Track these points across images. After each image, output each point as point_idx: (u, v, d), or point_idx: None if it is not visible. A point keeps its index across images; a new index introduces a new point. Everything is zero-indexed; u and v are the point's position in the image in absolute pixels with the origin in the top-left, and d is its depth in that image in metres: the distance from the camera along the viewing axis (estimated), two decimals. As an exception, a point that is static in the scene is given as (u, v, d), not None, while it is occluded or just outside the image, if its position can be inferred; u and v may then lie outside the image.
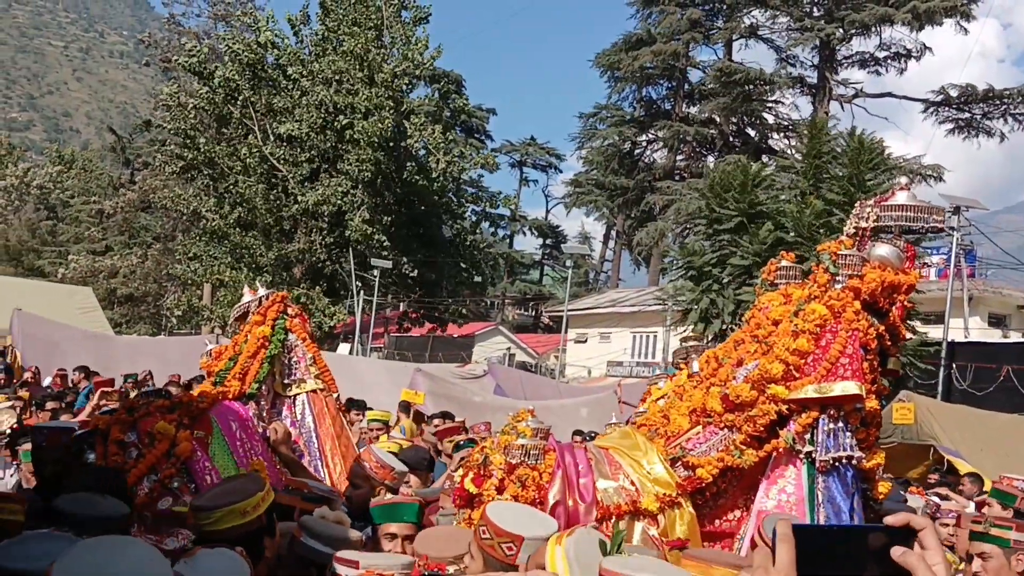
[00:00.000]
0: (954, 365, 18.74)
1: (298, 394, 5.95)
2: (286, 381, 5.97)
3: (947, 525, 6.92)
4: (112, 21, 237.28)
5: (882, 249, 4.06)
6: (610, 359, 37.85)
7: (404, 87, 36.76)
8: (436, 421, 10.43)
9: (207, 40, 41.64)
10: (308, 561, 3.41)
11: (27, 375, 13.79)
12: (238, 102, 35.87)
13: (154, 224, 49.33)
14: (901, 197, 4.06)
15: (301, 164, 35.99)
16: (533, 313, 64.02)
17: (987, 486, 9.14)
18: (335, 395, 6.23)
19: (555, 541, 2.72)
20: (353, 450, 6.05)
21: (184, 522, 3.38)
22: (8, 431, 6.76)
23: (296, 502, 3.94)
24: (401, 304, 46.06)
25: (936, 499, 8.39)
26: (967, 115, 41.04)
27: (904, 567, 1.29)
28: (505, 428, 3.95)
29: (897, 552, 1.30)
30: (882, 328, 3.99)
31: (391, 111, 34.68)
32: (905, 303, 4.07)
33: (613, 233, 57.04)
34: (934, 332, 19.85)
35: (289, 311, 6.06)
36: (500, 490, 3.70)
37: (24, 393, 9.60)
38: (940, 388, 17.89)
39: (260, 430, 5.22)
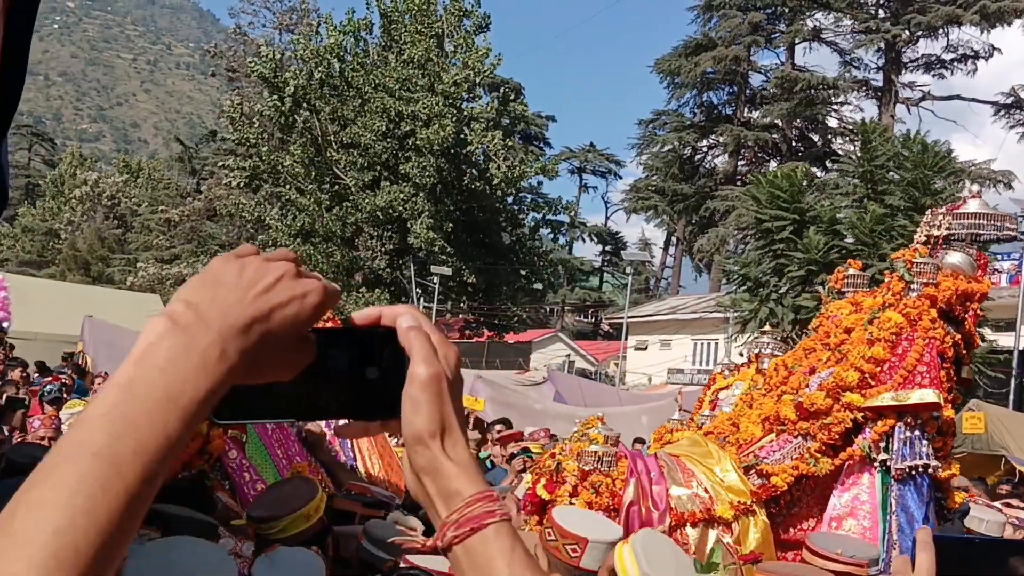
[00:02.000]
0: (1027, 374, 18.30)
1: None
2: None
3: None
4: (179, 34, 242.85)
5: (954, 257, 4.03)
6: (670, 366, 37.61)
7: (465, 95, 37.02)
8: (498, 427, 10.45)
9: (275, 46, 42.35)
10: (370, 565, 3.48)
11: (98, 381, 14.14)
12: (303, 110, 36.47)
13: (219, 232, 50.26)
14: (973, 205, 4.02)
15: (363, 171, 36.44)
16: (593, 320, 63.84)
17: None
18: None
19: (622, 544, 2.76)
20: (389, 448, 6.07)
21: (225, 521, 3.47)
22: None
23: (356, 507, 4.00)
24: (461, 312, 46.32)
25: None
26: (1041, 118, 39.99)
27: None
28: (576, 435, 3.98)
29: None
30: (958, 336, 3.94)
31: (452, 119, 34.96)
32: (978, 311, 4.02)
33: (673, 239, 56.69)
34: (1004, 340, 19.39)
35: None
36: (574, 495, 3.73)
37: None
38: (1011, 397, 17.46)
39: (294, 431, 5.23)
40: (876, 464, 3.79)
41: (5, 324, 16.84)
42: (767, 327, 4.61)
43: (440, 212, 36.76)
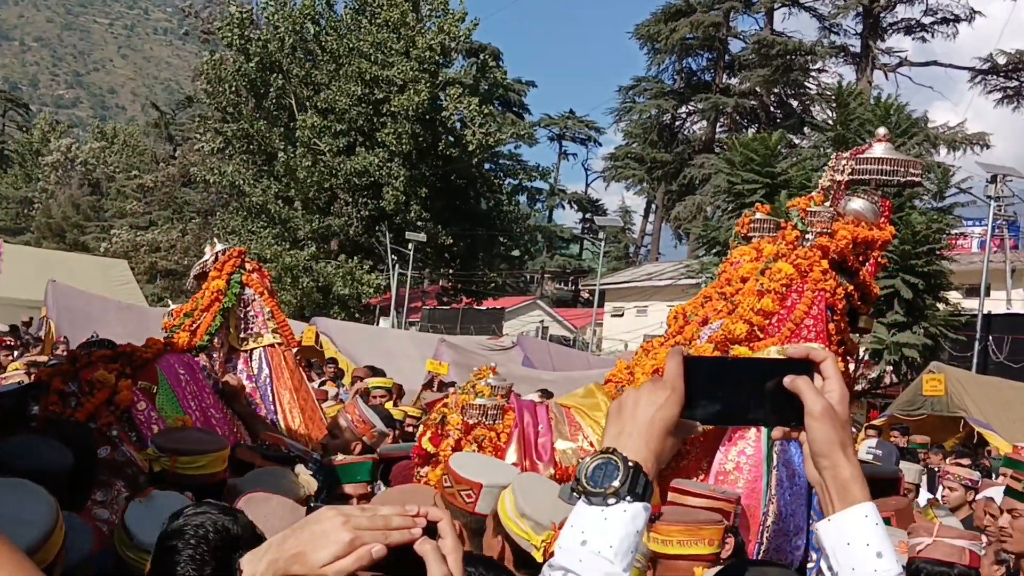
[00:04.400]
0: (991, 337, 18.35)
1: (255, 348, 5.95)
2: (242, 335, 5.95)
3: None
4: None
5: (856, 203, 3.94)
6: (646, 333, 37.64)
7: (440, 60, 36.72)
8: (451, 391, 10.41)
9: (247, 9, 41.84)
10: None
11: (61, 347, 13.96)
12: (275, 74, 36.10)
13: (195, 198, 49.94)
14: (878, 149, 3.92)
15: (338, 137, 36.18)
16: (572, 288, 63.85)
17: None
18: (294, 349, 6.25)
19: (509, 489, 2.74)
20: (313, 403, 6.06)
21: (120, 471, 3.41)
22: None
23: (256, 459, 3.94)
24: (440, 279, 46.25)
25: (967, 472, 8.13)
26: (1016, 83, 39.96)
27: (795, 393, 1.29)
28: (464, 387, 3.93)
29: (788, 379, 1.28)
30: (851, 287, 3.88)
31: (427, 84, 34.69)
32: (879, 259, 3.95)
33: (653, 207, 56.62)
34: (975, 304, 19.47)
35: (247, 266, 6.06)
36: (456, 450, 3.67)
37: (41, 357, 9.78)
38: (975, 360, 17.54)
39: (212, 383, 5.17)
40: (763, 417, 3.73)
41: None
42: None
43: (415, 178, 36.61)
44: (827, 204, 3.98)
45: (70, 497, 2.87)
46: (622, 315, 40.90)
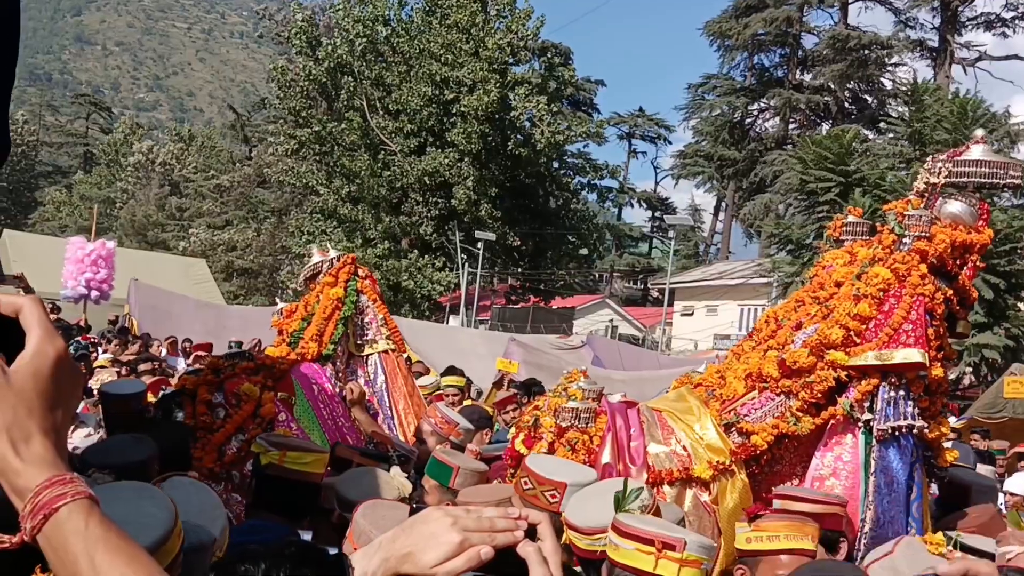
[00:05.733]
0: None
1: (370, 354, 6.06)
2: (359, 342, 6.07)
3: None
4: (232, 2, 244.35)
5: (953, 206, 3.86)
6: (717, 332, 37.26)
7: (509, 59, 36.77)
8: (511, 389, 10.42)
9: (322, 17, 42.42)
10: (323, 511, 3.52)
11: (155, 344, 14.28)
12: (346, 77, 36.54)
13: (269, 198, 50.83)
14: (976, 151, 3.84)
15: (409, 137, 36.49)
16: (642, 287, 63.48)
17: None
18: (405, 355, 6.34)
19: None
20: (424, 409, 6.14)
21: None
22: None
23: (354, 456, 4.01)
24: (509, 278, 46.36)
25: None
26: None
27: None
28: (556, 390, 3.94)
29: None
30: (950, 292, 3.80)
31: (497, 84, 34.78)
32: (977, 263, 3.86)
33: (723, 205, 56.03)
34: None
35: (360, 272, 6.15)
36: (551, 452, 3.69)
37: (127, 357, 10.05)
38: (1061, 362, 16.96)
39: (336, 390, 5.33)
40: (860, 424, 3.68)
41: (95, 294, 17.26)
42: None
43: (485, 177, 36.72)
44: (923, 207, 3.91)
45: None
46: (692, 314, 40.56)
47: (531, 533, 1.16)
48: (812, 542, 2.88)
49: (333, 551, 2.31)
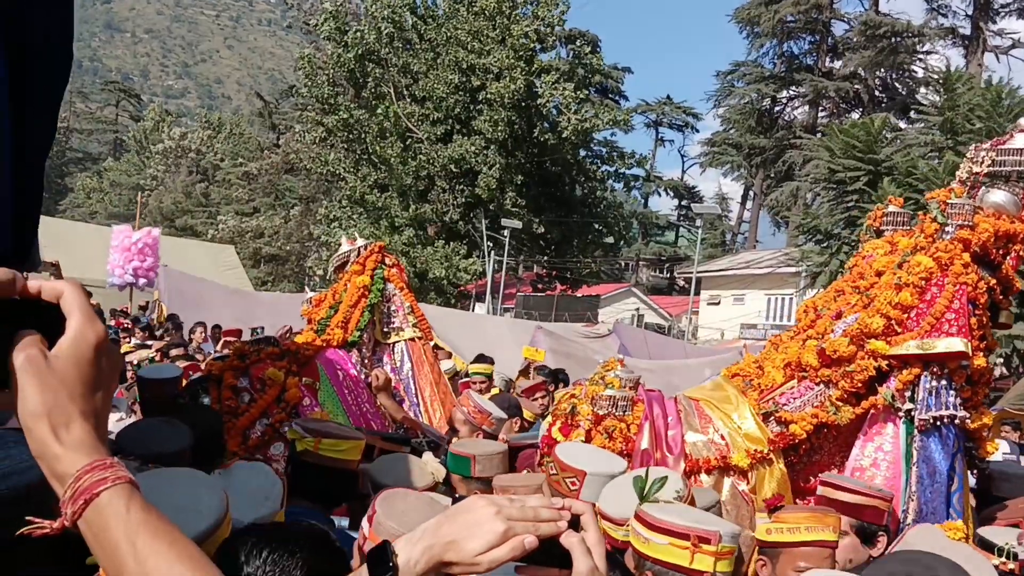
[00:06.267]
0: None
1: (397, 342, 6.05)
2: (385, 329, 6.06)
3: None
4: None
5: (997, 195, 3.80)
6: (744, 321, 37.08)
7: (535, 46, 36.66)
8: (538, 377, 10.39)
9: (350, 4, 42.47)
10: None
11: (194, 336, 14.30)
12: (373, 65, 36.59)
13: (297, 186, 51.06)
14: (1020, 140, 3.78)
15: (436, 125, 36.50)
16: (668, 275, 63.29)
17: None
18: (432, 343, 6.35)
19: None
20: (451, 397, 6.13)
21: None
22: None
23: (376, 441, 4.02)
24: (535, 266, 46.33)
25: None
26: None
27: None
28: (593, 378, 3.93)
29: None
30: (993, 281, 3.75)
31: (523, 71, 34.70)
32: (1021, 253, 3.81)
33: (751, 194, 55.68)
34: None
35: (387, 261, 6.15)
36: (587, 440, 3.69)
37: (158, 343, 10.14)
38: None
39: (362, 377, 5.34)
40: (901, 414, 3.64)
41: (142, 281, 17.51)
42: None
43: (511, 165, 36.68)
44: (966, 196, 3.85)
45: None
46: (718, 303, 40.37)
47: (575, 523, 1.16)
48: (833, 533, 2.85)
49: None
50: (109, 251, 17.61)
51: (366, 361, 5.69)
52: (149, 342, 11.00)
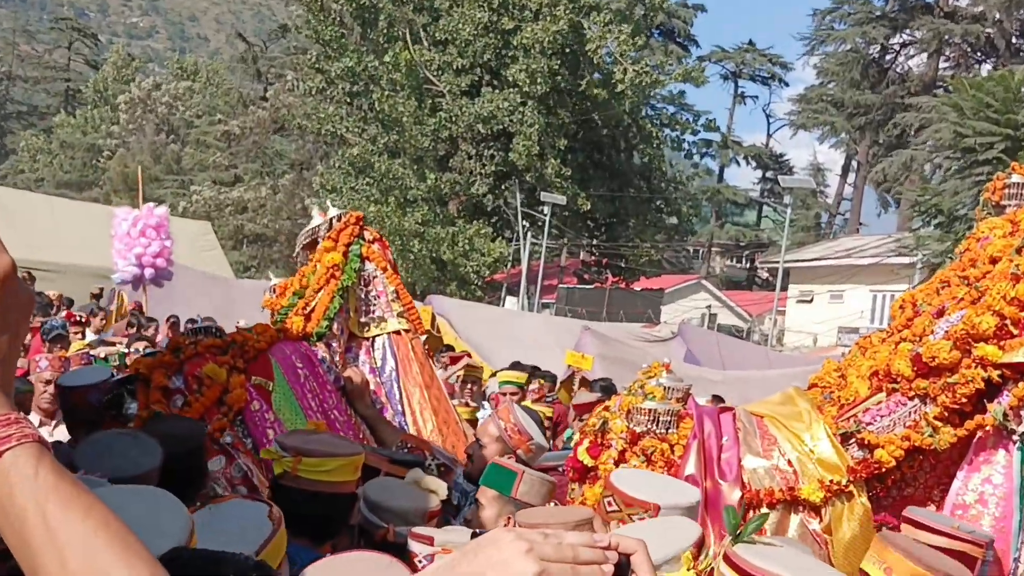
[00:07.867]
0: None
1: (378, 335, 5.90)
2: (363, 320, 5.89)
3: None
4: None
5: None
6: (842, 324, 36.83)
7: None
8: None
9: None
10: (364, 532, 3.52)
11: (161, 327, 14.26)
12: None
13: (288, 149, 51.38)
14: None
15: (460, 75, 36.52)
16: (747, 265, 63.15)
17: None
18: (422, 338, 6.19)
19: None
20: (446, 403, 6.02)
21: (235, 489, 3.53)
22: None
23: (382, 463, 4.05)
24: (582, 251, 46.33)
25: None
26: None
27: None
28: (632, 387, 3.93)
29: None
30: None
31: (567, 9, 34.61)
32: None
33: (854, 164, 55.34)
34: None
35: (366, 235, 5.97)
36: (619, 463, 3.69)
37: (116, 338, 10.26)
38: None
39: (332, 377, 5.21)
40: (1016, 438, 3.61)
41: (150, 272, 17.37)
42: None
43: (553, 126, 36.64)
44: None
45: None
46: (811, 301, 40.15)
47: (623, 567, 1.14)
48: None
49: None
50: (112, 240, 17.18)
51: (337, 358, 5.50)
52: (110, 335, 11.13)
